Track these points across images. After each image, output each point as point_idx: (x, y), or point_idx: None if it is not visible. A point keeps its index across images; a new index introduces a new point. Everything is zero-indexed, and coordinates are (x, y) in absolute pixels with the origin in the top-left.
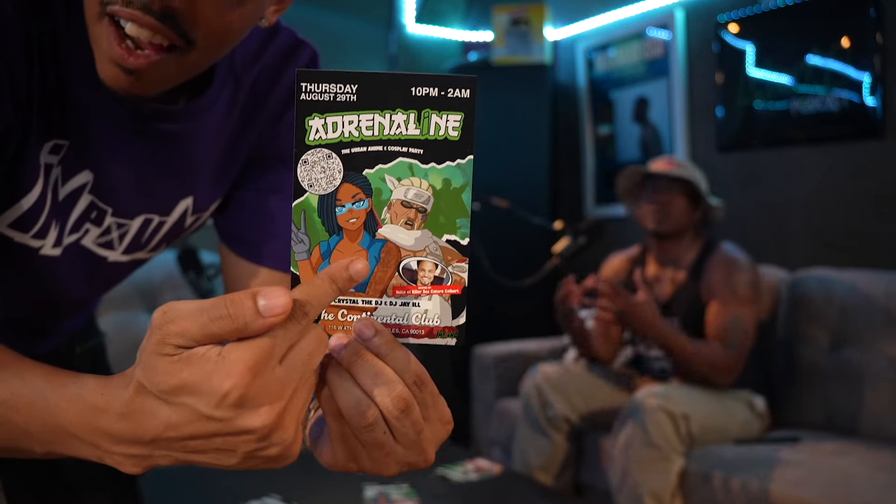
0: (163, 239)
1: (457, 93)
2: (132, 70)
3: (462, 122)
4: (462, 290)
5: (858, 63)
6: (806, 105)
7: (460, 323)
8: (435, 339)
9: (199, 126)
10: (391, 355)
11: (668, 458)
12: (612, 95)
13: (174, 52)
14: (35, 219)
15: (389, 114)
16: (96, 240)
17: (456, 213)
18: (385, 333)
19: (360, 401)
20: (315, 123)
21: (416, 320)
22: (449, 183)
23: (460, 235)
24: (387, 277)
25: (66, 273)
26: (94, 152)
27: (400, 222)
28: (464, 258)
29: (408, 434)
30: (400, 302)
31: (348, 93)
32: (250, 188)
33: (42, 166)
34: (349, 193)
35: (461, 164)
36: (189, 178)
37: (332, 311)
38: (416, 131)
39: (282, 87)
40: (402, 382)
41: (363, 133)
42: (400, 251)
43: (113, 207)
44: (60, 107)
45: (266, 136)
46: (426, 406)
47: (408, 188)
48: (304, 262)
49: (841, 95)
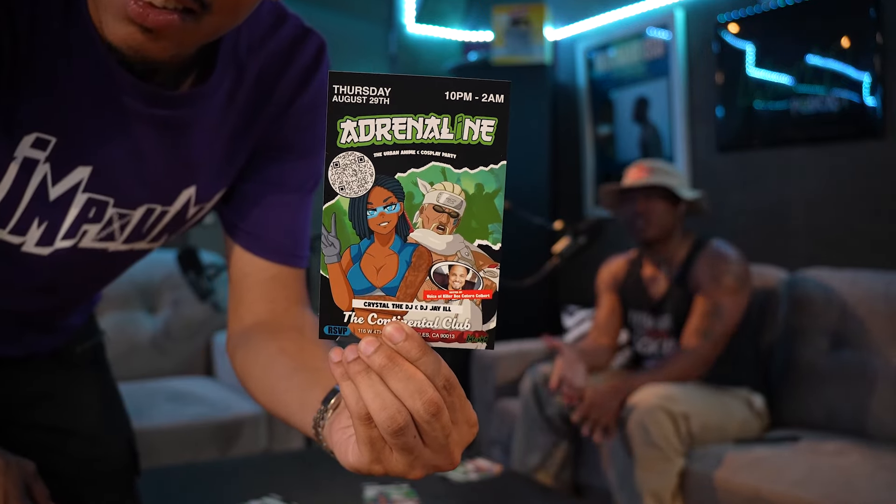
0: (164, 230)
1: (491, 98)
2: (150, 28)
3: (496, 127)
4: (493, 295)
5: (858, 63)
6: (806, 105)
7: (491, 327)
8: (465, 344)
9: (202, 113)
10: (422, 359)
11: (669, 457)
12: (612, 95)
13: (189, 16)
14: (8, 214)
15: (423, 118)
16: (96, 236)
17: (488, 219)
18: (416, 337)
19: (391, 405)
20: (347, 126)
21: (446, 324)
22: (482, 188)
23: (492, 240)
24: (418, 281)
25: (60, 270)
26: (93, 144)
27: (432, 226)
28: (495, 263)
29: (437, 438)
30: (431, 306)
31: (381, 96)
32: (256, 180)
33: (19, 160)
34: (381, 197)
35: (494, 170)
36: (192, 167)
37: (362, 315)
38: (450, 136)
39: (288, 77)
40: (432, 386)
41: (396, 136)
42: (431, 255)
43: (114, 198)
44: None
45: (273, 126)
46: (455, 409)
47: (440, 192)
48: (335, 265)
49: (841, 95)
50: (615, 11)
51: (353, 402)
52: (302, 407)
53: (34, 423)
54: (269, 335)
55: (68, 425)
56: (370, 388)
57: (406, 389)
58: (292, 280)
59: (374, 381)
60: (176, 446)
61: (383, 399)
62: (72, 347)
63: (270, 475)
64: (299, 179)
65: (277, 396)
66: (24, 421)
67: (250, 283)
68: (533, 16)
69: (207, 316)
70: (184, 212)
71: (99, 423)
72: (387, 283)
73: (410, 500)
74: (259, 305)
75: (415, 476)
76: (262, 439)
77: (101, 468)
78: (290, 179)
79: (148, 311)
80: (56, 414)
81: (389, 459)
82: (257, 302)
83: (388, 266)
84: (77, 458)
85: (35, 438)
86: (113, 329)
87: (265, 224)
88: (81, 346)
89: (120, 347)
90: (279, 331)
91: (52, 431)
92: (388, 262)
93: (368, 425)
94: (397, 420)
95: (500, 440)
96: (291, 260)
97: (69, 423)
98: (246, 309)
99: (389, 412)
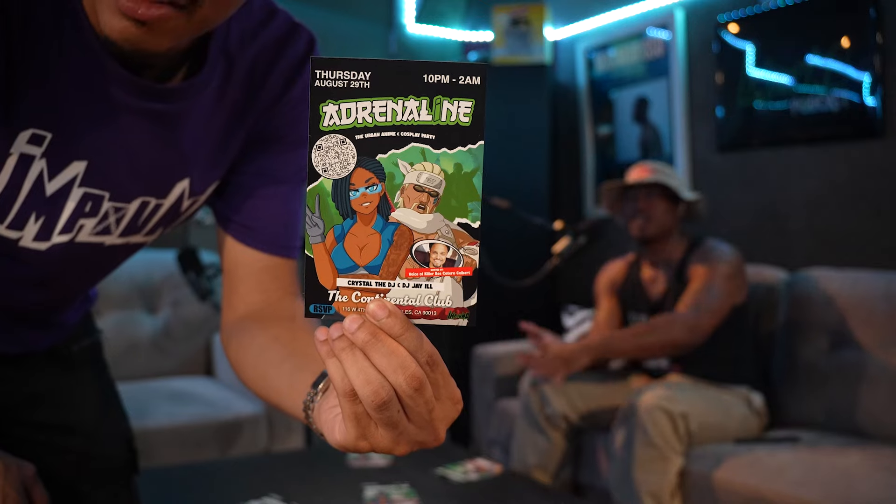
0: (159, 223)
1: (468, 80)
2: (144, 21)
3: (473, 108)
4: (473, 272)
5: (858, 63)
6: (806, 105)
7: (472, 304)
8: (447, 320)
9: (195, 106)
10: (404, 336)
11: (668, 457)
12: (612, 95)
13: (183, 10)
14: (5, 210)
15: (402, 100)
16: (92, 230)
17: (467, 197)
18: (398, 314)
19: (374, 380)
20: (329, 110)
21: (428, 301)
22: (460, 167)
23: (472, 219)
24: (400, 260)
25: (57, 264)
26: (88, 139)
27: (412, 206)
28: (475, 241)
29: (421, 413)
30: (412, 284)
31: (362, 80)
32: (248, 172)
33: (16, 156)
34: (363, 178)
35: (472, 150)
36: (185, 160)
37: (346, 293)
38: (429, 117)
39: (279, 70)
40: (415, 362)
41: (376, 119)
42: (413, 234)
43: (110, 192)
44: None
45: (264, 119)
46: (438, 385)
47: (420, 172)
48: (319, 245)
49: (841, 95)
50: (615, 11)
51: (338, 379)
52: (292, 391)
53: (33, 422)
54: (262, 325)
55: (66, 424)
56: (354, 364)
57: (389, 365)
58: (285, 270)
59: (358, 357)
60: (176, 446)
61: (367, 374)
62: (69, 346)
63: (270, 475)
64: (291, 171)
65: (269, 383)
66: (22, 420)
67: (243, 274)
68: (533, 16)
69: (207, 316)
70: (178, 205)
71: (97, 421)
72: (370, 262)
73: (410, 500)
74: (252, 296)
75: (400, 452)
76: (262, 439)
77: (100, 466)
78: (281, 171)
79: (148, 311)
80: (54, 413)
81: (375, 435)
82: (250, 292)
83: (370, 245)
84: (75, 456)
85: (33, 437)
86: (113, 329)
87: (257, 215)
88: (79, 345)
89: (120, 347)
90: (272, 320)
91: (50, 430)
92: (371, 242)
93: (353, 401)
94: (381, 394)
95: (500, 440)
96: (284, 251)
97: (67, 421)
98: (239, 299)
99: (373, 387)
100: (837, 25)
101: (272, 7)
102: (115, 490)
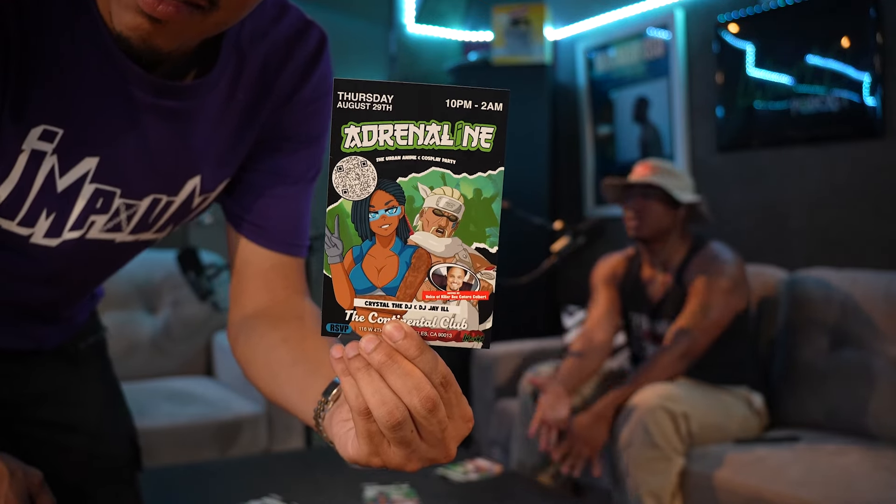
0: (169, 220)
1: (490, 106)
2: (158, 19)
3: (494, 134)
4: (490, 296)
5: (858, 63)
6: (806, 105)
7: (487, 328)
8: (462, 343)
9: (206, 103)
10: (420, 357)
11: (669, 457)
12: (612, 95)
13: (197, 11)
14: (17, 206)
15: (424, 124)
16: (103, 227)
17: (486, 222)
18: (414, 336)
19: (389, 401)
20: (351, 131)
21: (444, 324)
22: (480, 193)
23: (489, 244)
24: (417, 282)
25: (67, 261)
26: (99, 135)
27: (431, 229)
28: (492, 265)
29: (434, 432)
30: (429, 306)
31: (384, 103)
32: (259, 170)
33: (27, 152)
34: (382, 200)
35: (492, 175)
36: (196, 157)
37: (363, 314)
38: (450, 142)
39: (291, 68)
40: (430, 383)
41: (398, 142)
42: (430, 257)
43: (122, 189)
44: (54, 92)
45: (275, 117)
46: (451, 405)
47: (440, 197)
48: (337, 265)
49: (841, 95)
50: (615, 11)
51: (353, 398)
52: (303, 397)
53: (38, 420)
54: (271, 324)
55: (72, 421)
56: (370, 385)
57: (404, 386)
58: (293, 269)
59: (374, 377)
60: (176, 446)
61: (382, 395)
62: (76, 343)
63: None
64: (301, 169)
65: (279, 385)
66: (28, 418)
67: (251, 272)
68: (533, 16)
69: (207, 316)
70: (189, 201)
71: (102, 418)
72: (387, 284)
73: (410, 500)
74: (260, 294)
75: (411, 469)
76: (262, 439)
77: (104, 464)
78: (292, 169)
79: (148, 311)
80: (60, 410)
81: (387, 452)
82: (259, 291)
83: (388, 267)
84: (80, 453)
85: (39, 435)
86: (113, 329)
87: (267, 213)
88: (85, 342)
89: (120, 347)
90: (280, 320)
91: (55, 428)
92: (389, 263)
93: (367, 420)
94: (395, 415)
95: (500, 440)
96: (293, 249)
97: (73, 419)
98: (248, 297)
99: (388, 407)
100: (837, 25)
101: (284, 3)
102: (119, 488)
